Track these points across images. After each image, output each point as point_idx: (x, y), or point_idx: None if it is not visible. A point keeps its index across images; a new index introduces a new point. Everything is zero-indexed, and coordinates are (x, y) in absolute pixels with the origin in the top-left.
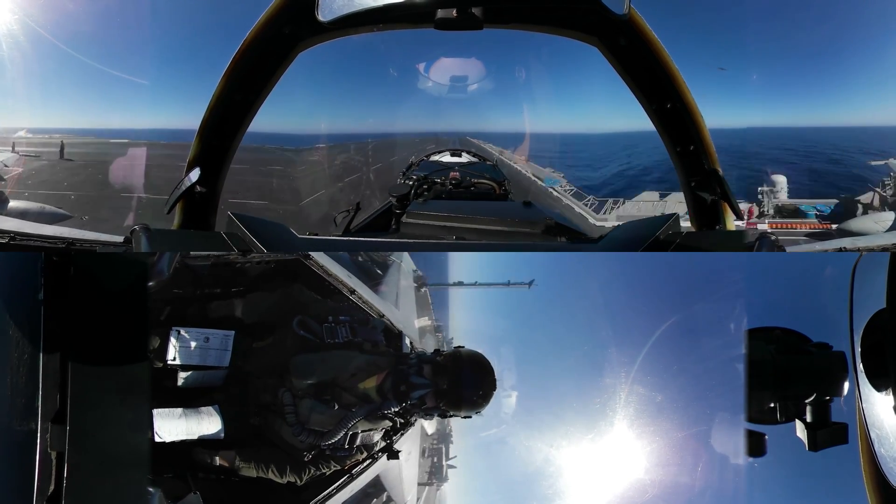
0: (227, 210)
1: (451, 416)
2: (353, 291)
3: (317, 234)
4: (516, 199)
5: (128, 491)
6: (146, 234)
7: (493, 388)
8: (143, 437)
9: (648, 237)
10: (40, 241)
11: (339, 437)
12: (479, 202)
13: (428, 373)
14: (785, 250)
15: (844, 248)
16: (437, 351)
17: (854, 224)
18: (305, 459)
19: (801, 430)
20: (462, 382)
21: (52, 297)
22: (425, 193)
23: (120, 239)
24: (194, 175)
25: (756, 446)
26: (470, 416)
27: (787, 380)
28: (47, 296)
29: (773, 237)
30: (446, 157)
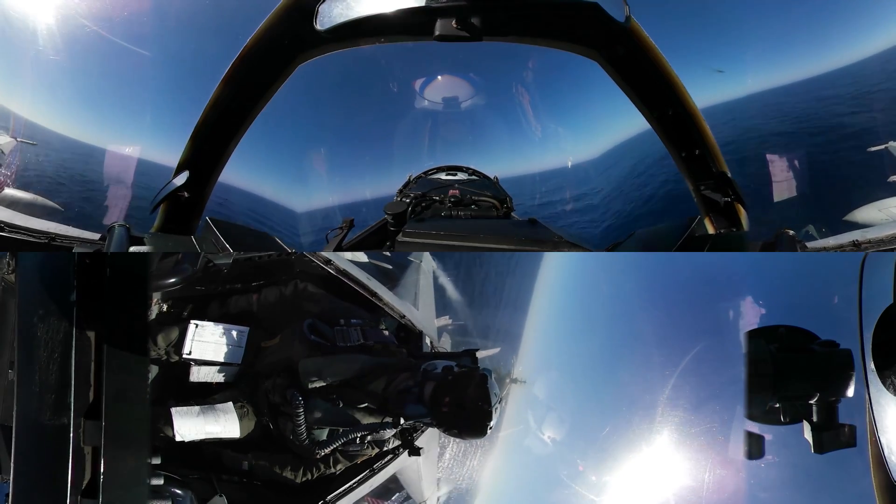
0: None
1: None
2: (372, 293)
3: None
4: (520, 218)
5: (160, 487)
6: (121, 233)
7: (486, 427)
8: (171, 435)
9: (670, 242)
10: (23, 235)
11: (334, 444)
12: (481, 220)
13: (427, 398)
14: (807, 246)
15: (857, 240)
16: (445, 369)
17: (859, 214)
18: (316, 458)
19: (807, 432)
20: (455, 412)
21: (86, 297)
22: (423, 212)
23: (97, 236)
24: (181, 178)
25: (755, 447)
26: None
27: (789, 379)
28: (80, 296)
29: (792, 234)
30: (444, 175)
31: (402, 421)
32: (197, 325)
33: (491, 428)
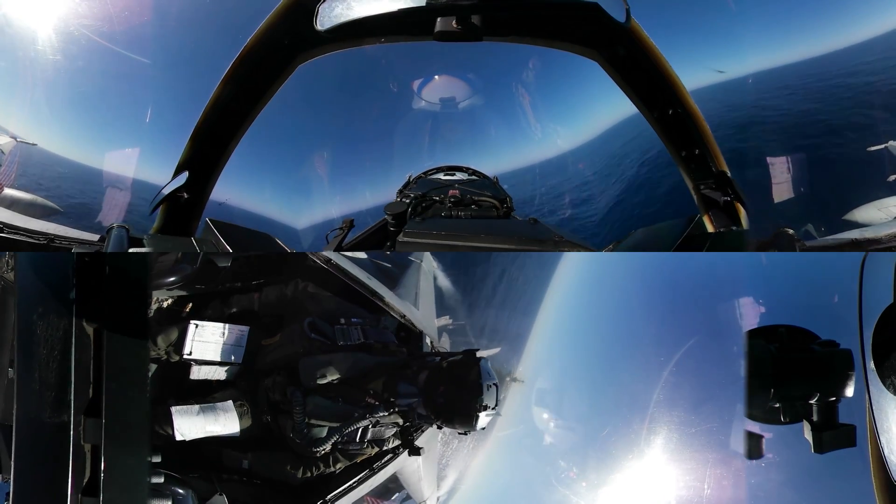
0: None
1: (445, 428)
2: (373, 293)
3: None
4: (521, 217)
5: (161, 486)
6: (120, 235)
7: (478, 410)
8: (172, 433)
9: (670, 241)
10: (23, 235)
11: (333, 440)
12: (481, 220)
13: (421, 381)
14: (805, 244)
15: (856, 239)
16: (440, 355)
17: (859, 213)
18: (316, 457)
19: (807, 432)
20: (448, 396)
21: (85, 297)
22: (423, 212)
23: (96, 237)
24: (181, 179)
25: (755, 447)
26: (465, 433)
27: (789, 379)
28: (79, 295)
29: (791, 233)
30: (443, 175)
31: (394, 404)
32: (197, 326)
33: (482, 409)
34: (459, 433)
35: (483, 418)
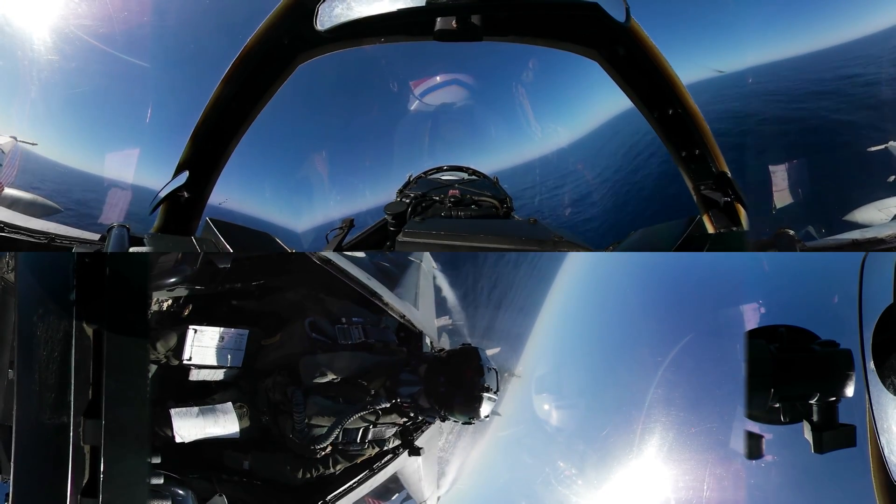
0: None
1: (449, 420)
2: (372, 293)
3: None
4: (521, 218)
5: (160, 487)
6: (120, 234)
7: (481, 390)
8: (171, 435)
9: (670, 241)
10: (23, 235)
11: (332, 436)
12: (481, 220)
13: (421, 372)
14: (805, 245)
15: (856, 240)
16: (438, 350)
17: (859, 214)
18: (316, 457)
19: (807, 432)
20: (450, 383)
21: (85, 297)
22: (423, 212)
23: (97, 237)
24: (181, 179)
25: (755, 447)
26: (470, 422)
27: (789, 379)
28: (79, 295)
29: (791, 233)
30: (444, 175)
31: (396, 395)
32: (196, 331)
33: (485, 390)
34: (463, 423)
35: (486, 404)
